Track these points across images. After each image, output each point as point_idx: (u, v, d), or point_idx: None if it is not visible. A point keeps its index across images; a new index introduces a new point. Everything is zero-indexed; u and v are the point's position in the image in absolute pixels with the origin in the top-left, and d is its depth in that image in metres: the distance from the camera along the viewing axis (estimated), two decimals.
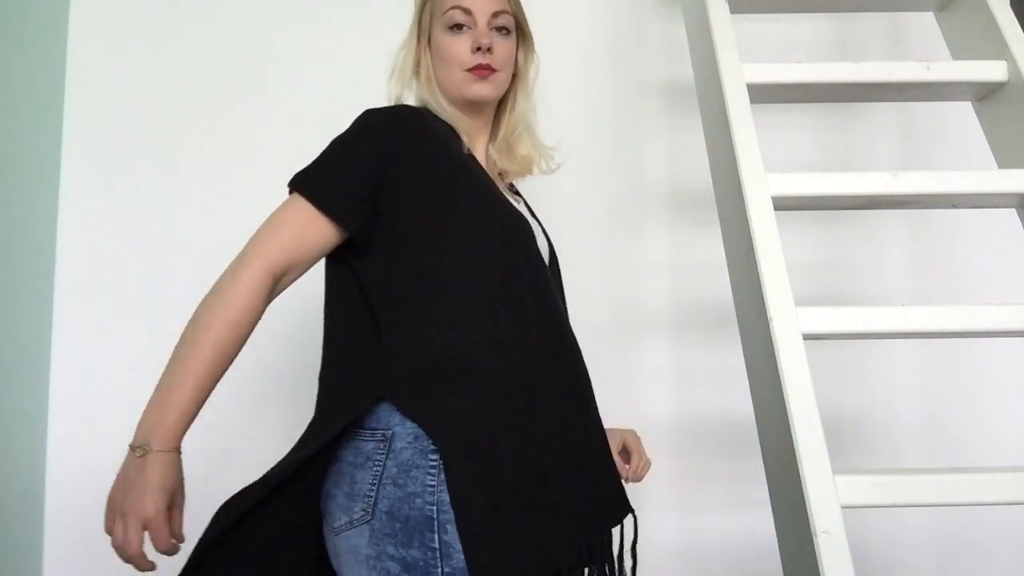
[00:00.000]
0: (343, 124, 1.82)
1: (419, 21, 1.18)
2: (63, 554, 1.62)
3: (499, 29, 1.13)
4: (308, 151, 1.75)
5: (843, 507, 0.88)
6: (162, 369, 1.69)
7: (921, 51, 1.74)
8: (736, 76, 1.18)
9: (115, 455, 1.64)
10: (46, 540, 1.62)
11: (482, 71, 1.11)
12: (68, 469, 1.63)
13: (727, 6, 1.27)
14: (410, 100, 1.17)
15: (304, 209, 1.06)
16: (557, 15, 1.79)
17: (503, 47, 1.13)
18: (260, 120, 1.74)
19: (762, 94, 1.20)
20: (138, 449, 0.98)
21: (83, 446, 1.64)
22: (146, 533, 0.91)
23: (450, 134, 1.11)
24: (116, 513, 0.92)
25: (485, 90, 1.12)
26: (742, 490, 1.61)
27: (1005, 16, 1.21)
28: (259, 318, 1.07)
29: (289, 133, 1.74)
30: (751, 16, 1.43)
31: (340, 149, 1.08)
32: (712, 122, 1.26)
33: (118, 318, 1.68)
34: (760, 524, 1.16)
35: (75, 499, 1.63)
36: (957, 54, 1.33)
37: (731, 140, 1.12)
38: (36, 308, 1.65)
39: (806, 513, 0.88)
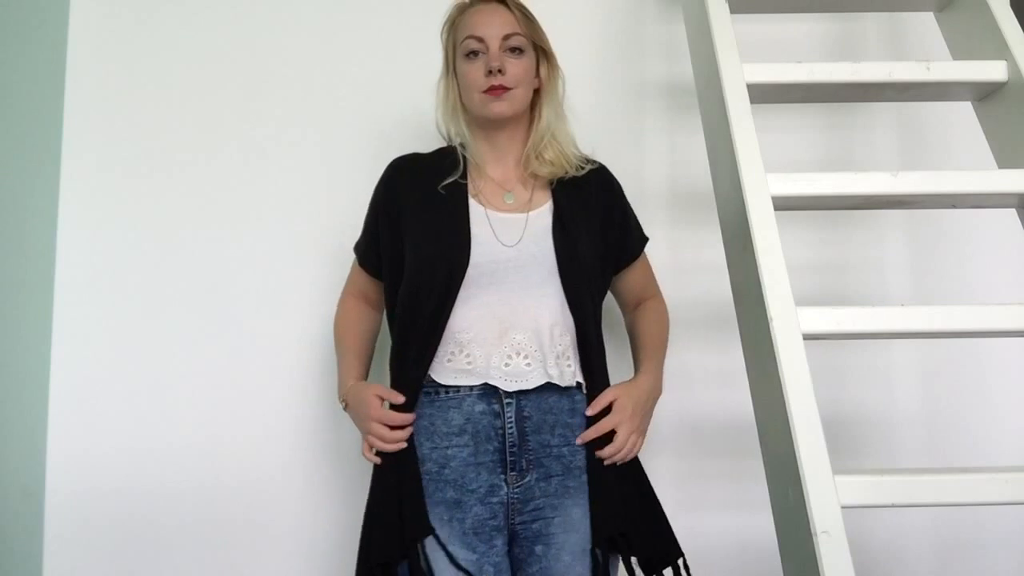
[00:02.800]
0: (343, 124, 1.83)
1: (446, 55, 1.35)
2: (63, 554, 1.62)
3: (512, 50, 1.28)
4: (308, 151, 1.77)
5: (843, 507, 0.88)
6: (162, 369, 1.71)
7: (921, 51, 1.74)
8: (736, 76, 1.18)
9: (115, 455, 1.66)
10: (46, 540, 1.62)
11: (495, 91, 1.26)
12: (68, 469, 1.64)
13: (727, 6, 1.27)
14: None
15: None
16: (557, 15, 1.78)
17: (516, 66, 1.28)
18: (260, 120, 1.74)
19: (762, 94, 1.20)
20: (342, 402, 1.35)
21: (83, 446, 1.64)
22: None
23: (440, 167, 1.33)
24: (365, 434, 1.28)
25: (501, 108, 1.28)
26: (742, 490, 1.61)
27: (1005, 16, 1.21)
28: (362, 319, 1.45)
29: (289, 133, 1.74)
30: (751, 16, 1.43)
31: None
32: (712, 122, 1.26)
33: (118, 318, 1.68)
34: (760, 524, 1.16)
35: (75, 499, 1.63)
36: (957, 54, 1.33)
37: (731, 140, 1.12)
38: (36, 308, 1.65)
39: (806, 513, 0.88)
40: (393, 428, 1.23)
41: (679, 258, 1.71)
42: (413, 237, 1.29)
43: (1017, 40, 1.19)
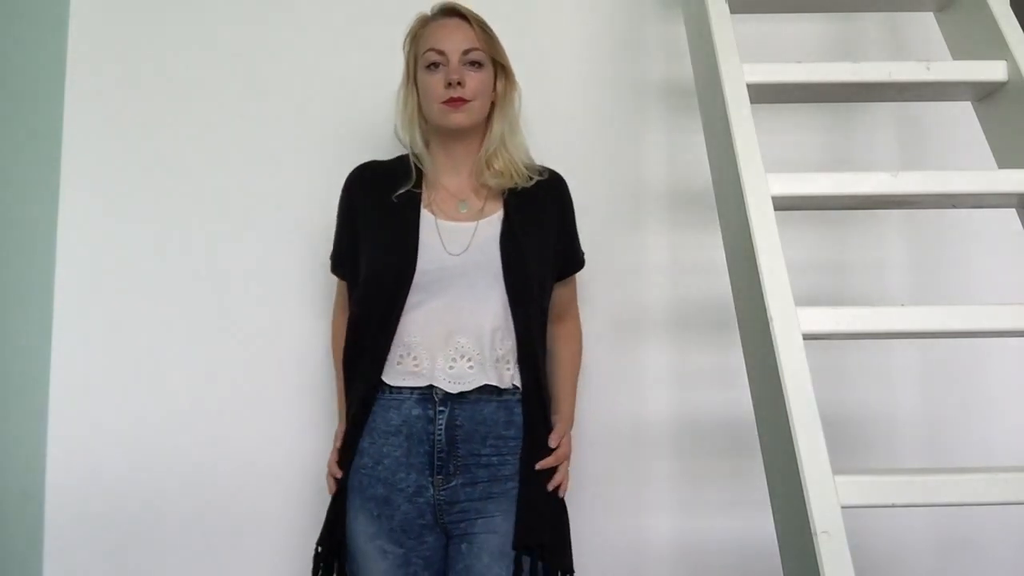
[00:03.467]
0: (343, 123, 1.82)
1: (407, 65, 1.39)
2: (63, 554, 1.62)
3: (471, 64, 1.33)
4: (308, 150, 1.77)
5: (843, 507, 0.88)
6: (161, 369, 1.71)
7: (921, 51, 1.74)
8: (736, 76, 1.18)
9: (115, 455, 1.66)
10: (46, 540, 1.62)
11: (454, 103, 1.31)
12: (68, 469, 1.64)
13: (727, 6, 1.27)
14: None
15: None
16: (557, 15, 1.79)
17: (474, 79, 1.32)
18: (260, 120, 1.74)
19: (762, 94, 1.20)
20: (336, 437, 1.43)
21: (83, 446, 1.64)
22: None
23: (397, 174, 1.38)
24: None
25: (459, 119, 1.33)
26: (742, 490, 1.61)
27: (1005, 16, 1.21)
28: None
29: (289, 133, 1.74)
30: (751, 16, 1.43)
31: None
32: (712, 122, 1.26)
33: (118, 318, 1.68)
34: (760, 524, 1.16)
35: (75, 499, 1.63)
36: (957, 54, 1.33)
37: (731, 140, 1.12)
38: (36, 308, 1.65)
39: (806, 513, 0.88)
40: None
41: (679, 258, 1.72)
42: (366, 244, 1.36)
43: (1017, 40, 1.18)
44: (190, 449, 1.65)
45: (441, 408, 1.29)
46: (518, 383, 1.33)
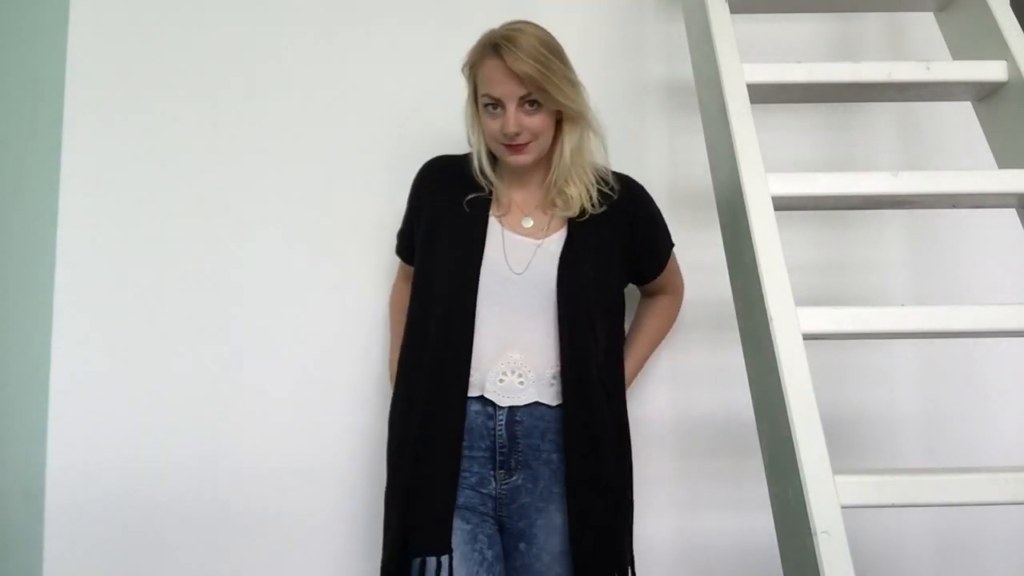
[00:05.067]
0: (344, 123, 1.82)
1: (470, 85, 1.35)
2: (63, 554, 1.62)
3: (529, 103, 1.28)
4: (309, 150, 1.77)
5: (843, 507, 0.88)
6: (162, 369, 1.70)
7: (921, 51, 1.74)
8: (736, 76, 1.18)
9: (115, 455, 1.66)
10: (46, 540, 1.62)
11: (514, 149, 1.30)
12: (68, 469, 1.64)
13: (727, 6, 1.27)
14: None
15: None
16: (557, 15, 1.78)
17: (533, 121, 1.29)
18: (261, 120, 1.74)
19: (762, 94, 1.20)
20: (392, 382, 1.45)
21: (83, 446, 1.64)
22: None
23: (470, 175, 1.37)
24: None
25: (521, 160, 1.32)
26: (742, 490, 1.62)
27: (1005, 16, 1.21)
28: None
29: (290, 133, 1.74)
30: (751, 16, 1.43)
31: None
32: (712, 122, 1.26)
33: (118, 318, 1.68)
34: (760, 524, 1.16)
35: (75, 499, 1.63)
36: (957, 54, 1.33)
37: (731, 140, 1.12)
38: (36, 308, 1.65)
39: (806, 513, 0.88)
40: None
41: (679, 258, 1.71)
42: (430, 243, 1.37)
43: (1017, 40, 1.18)
44: (190, 449, 1.65)
45: (501, 407, 1.30)
46: (562, 400, 1.31)
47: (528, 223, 1.37)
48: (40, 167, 1.68)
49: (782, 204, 1.09)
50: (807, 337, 0.98)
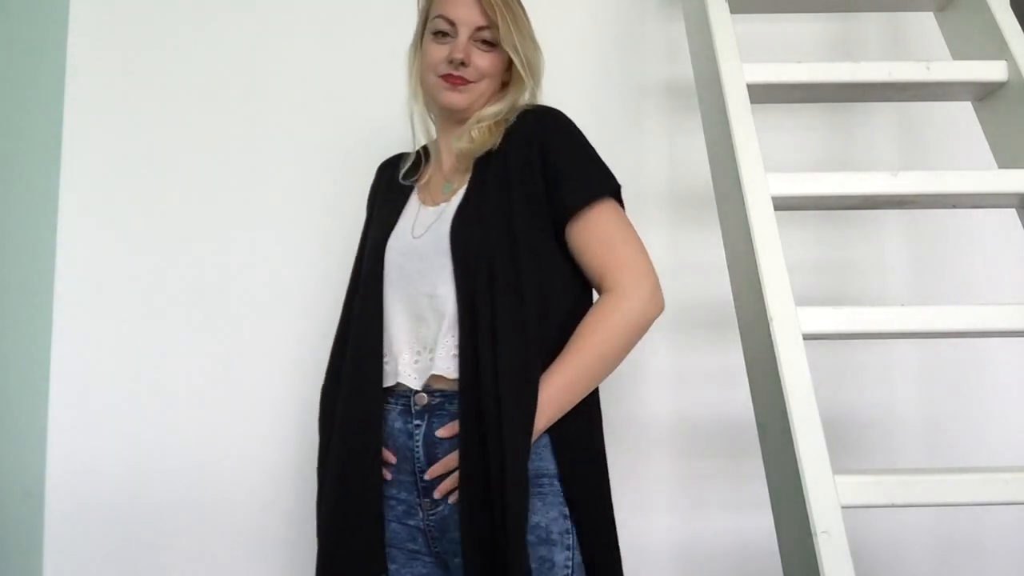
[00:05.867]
0: (344, 123, 1.82)
1: (418, 25, 1.25)
2: (63, 554, 1.62)
3: (483, 42, 1.16)
4: (309, 151, 1.77)
5: (843, 507, 0.88)
6: (162, 369, 1.70)
7: (921, 51, 1.74)
8: (736, 76, 1.18)
9: (115, 455, 1.66)
10: (46, 540, 1.62)
11: (454, 81, 1.15)
12: (68, 469, 1.64)
13: (727, 6, 1.27)
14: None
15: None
16: (557, 15, 1.79)
17: (483, 59, 1.16)
18: (261, 120, 1.74)
19: (762, 94, 1.20)
20: None
21: (83, 446, 1.64)
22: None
23: (416, 164, 1.26)
24: None
25: (456, 99, 1.16)
26: (742, 490, 1.61)
27: (1005, 16, 1.21)
28: None
29: (290, 133, 1.74)
30: (751, 16, 1.43)
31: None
32: (712, 122, 1.26)
33: (118, 318, 1.68)
34: (760, 524, 1.16)
35: (75, 499, 1.63)
36: (957, 54, 1.33)
37: (731, 140, 1.12)
38: (36, 308, 1.65)
39: (806, 513, 0.88)
40: None
41: (679, 258, 1.71)
42: (362, 241, 1.28)
43: (1017, 40, 1.18)
44: (190, 449, 1.65)
45: (418, 422, 1.08)
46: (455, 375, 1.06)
47: (447, 189, 1.18)
48: (40, 167, 1.68)
49: (782, 204, 1.09)
50: (807, 337, 0.98)
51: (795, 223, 1.34)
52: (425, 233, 1.13)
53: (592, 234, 1.10)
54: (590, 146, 1.15)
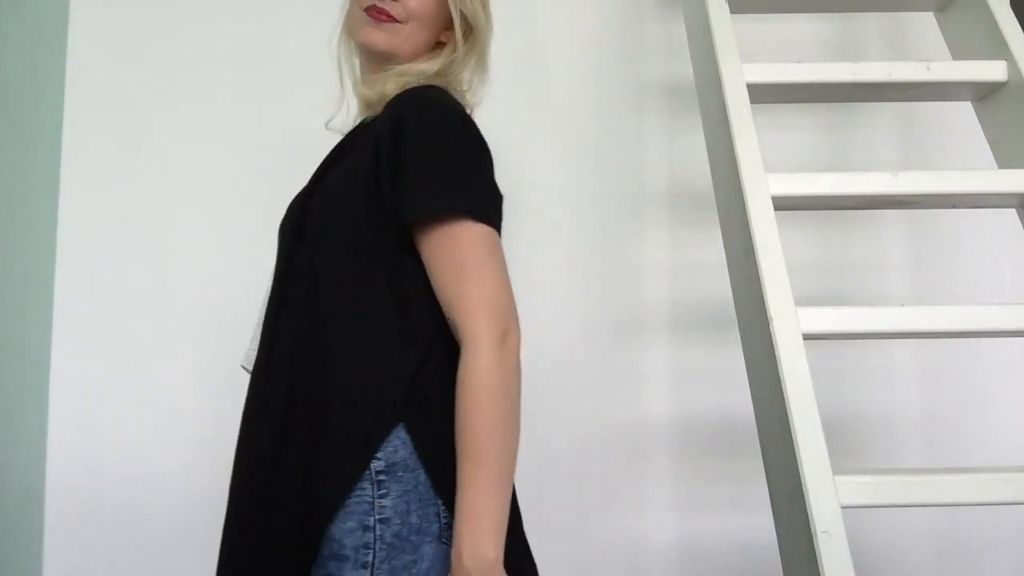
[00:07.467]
0: (346, 124, 1.81)
1: None
2: (63, 554, 1.62)
3: None
4: (308, 151, 1.76)
5: (843, 507, 0.88)
6: (162, 369, 1.69)
7: (921, 51, 1.74)
8: (736, 76, 1.18)
9: (115, 455, 1.66)
10: (46, 540, 1.61)
11: (376, 14, 0.98)
12: (68, 469, 1.63)
13: (727, 6, 1.27)
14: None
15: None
16: (557, 15, 1.79)
17: (419, 1, 0.98)
18: (260, 120, 1.74)
19: (762, 94, 1.20)
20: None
21: (83, 446, 1.64)
22: None
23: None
24: None
25: (376, 37, 0.98)
26: (742, 490, 1.61)
27: (1005, 16, 1.21)
28: None
29: (290, 133, 1.74)
30: (751, 16, 1.43)
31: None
32: (712, 122, 1.26)
33: (118, 318, 1.68)
34: (760, 524, 1.16)
35: (75, 499, 1.63)
36: (957, 54, 1.33)
37: (731, 140, 1.12)
38: (36, 308, 1.65)
39: (806, 513, 0.88)
40: None
41: (679, 258, 1.71)
42: None
43: (1017, 40, 1.19)
44: (190, 449, 1.65)
45: None
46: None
47: None
48: (40, 167, 1.68)
49: (782, 204, 1.09)
50: (807, 337, 0.98)
51: (795, 223, 1.34)
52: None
53: (440, 257, 0.86)
54: (470, 153, 0.92)
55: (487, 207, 0.88)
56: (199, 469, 1.65)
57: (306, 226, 0.95)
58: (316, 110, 1.75)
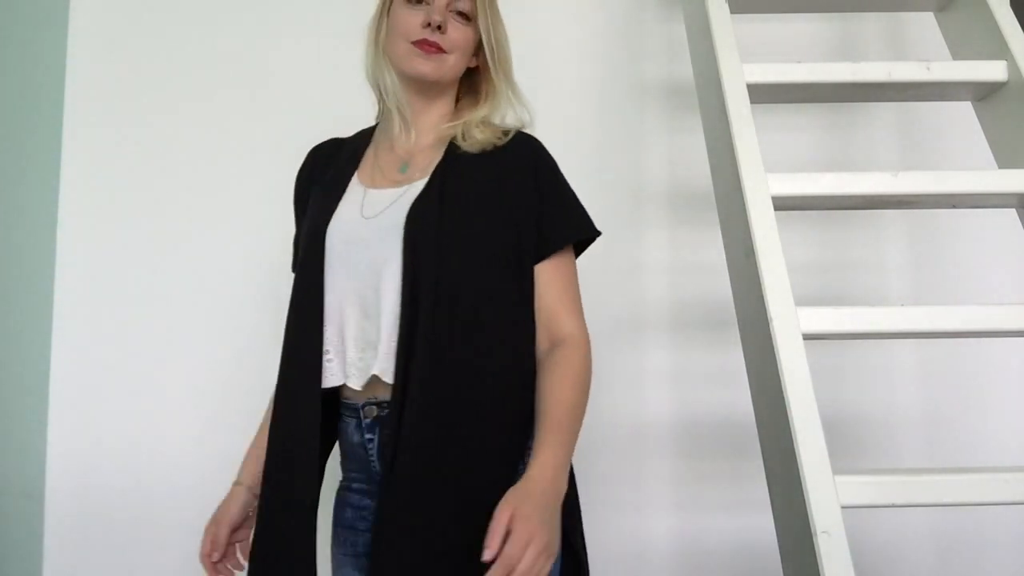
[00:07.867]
0: (343, 123, 1.81)
1: None
2: (63, 554, 1.62)
3: (459, 14, 1.10)
4: (308, 150, 1.76)
5: (843, 507, 0.88)
6: (162, 368, 1.69)
7: (921, 51, 1.74)
8: (736, 76, 1.18)
9: (115, 455, 1.66)
10: (46, 540, 1.62)
11: (427, 47, 1.07)
12: (68, 469, 1.64)
13: (727, 6, 1.27)
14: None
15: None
16: (557, 15, 1.79)
17: (458, 31, 1.10)
18: (260, 120, 1.74)
19: (762, 94, 1.20)
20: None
21: (83, 446, 1.64)
22: None
23: (355, 148, 1.19)
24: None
25: (426, 68, 1.08)
26: (742, 490, 1.61)
27: (1005, 16, 1.21)
28: None
29: (289, 133, 1.74)
30: (751, 16, 1.43)
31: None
32: (712, 122, 1.26)
33: (118, 318, 1.68)
34: (760, 524, 1.16)
35: (75, 499, 1.63)
36: (957, 54, 1.33)
37: (731, 140, 1.12)
38: (36, 308, 1.65)
39: (806, 513, 0.88)
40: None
41: (679, 258, 1.71)
42: (298, 230, 1.19)
43: (1017, 40, 1.19)
44: (190, 449, 1.65)
45: (369, 435, 1.03)
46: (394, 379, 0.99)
47: (404, 170, 1.10)
48: (40, 167, 1.68)
49: (782, 204, 1.09)
50: (807, 337, 0.98)
51: (795, 223, 1.34)
52: (379, 215, 1.05)
53: (552, 278, 1.08)
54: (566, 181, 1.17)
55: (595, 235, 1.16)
56: (199, 469, 1.65)
57: (451, 242, 1.03)
58: (316, 110, 1.75)
